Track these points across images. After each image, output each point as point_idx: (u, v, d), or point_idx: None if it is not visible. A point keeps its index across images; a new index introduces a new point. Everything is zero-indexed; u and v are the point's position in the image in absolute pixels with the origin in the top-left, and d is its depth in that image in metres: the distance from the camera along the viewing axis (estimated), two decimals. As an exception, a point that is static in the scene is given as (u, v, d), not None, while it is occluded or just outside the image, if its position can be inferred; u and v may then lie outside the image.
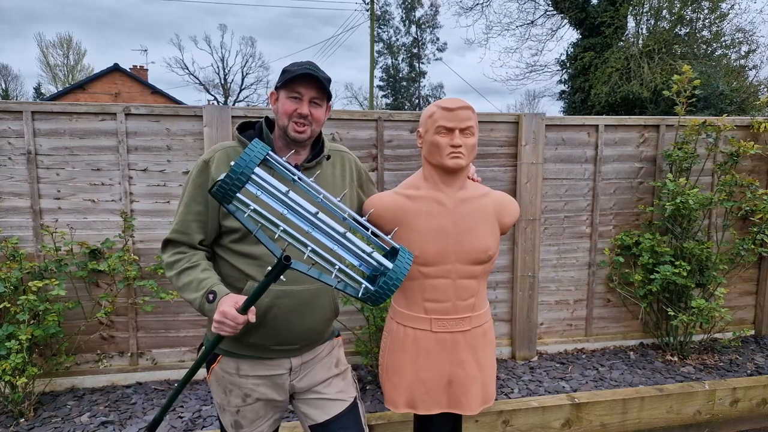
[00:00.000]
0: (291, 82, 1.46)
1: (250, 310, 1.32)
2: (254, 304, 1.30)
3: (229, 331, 1.32)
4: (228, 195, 1.10)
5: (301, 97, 1.47)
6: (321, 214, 1.20)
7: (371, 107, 22.83)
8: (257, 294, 1.27)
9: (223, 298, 1.35)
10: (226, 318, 1.30)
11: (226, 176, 1.08)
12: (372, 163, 3.40)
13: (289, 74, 1.47)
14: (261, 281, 1.24)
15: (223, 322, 1.31)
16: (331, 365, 1.64)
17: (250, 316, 1.32)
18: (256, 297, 1.28)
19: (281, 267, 1.18)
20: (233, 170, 1.08)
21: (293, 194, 1.19)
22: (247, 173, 1.08)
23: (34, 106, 3.02)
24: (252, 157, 1.09)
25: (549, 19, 16.01)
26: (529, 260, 3.59)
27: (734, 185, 3.60)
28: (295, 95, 1.47)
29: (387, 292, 1.20)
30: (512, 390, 3.18)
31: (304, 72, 1.44)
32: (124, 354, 3.24)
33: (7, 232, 3.02)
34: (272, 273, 1.20)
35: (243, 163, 1.08)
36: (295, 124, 1.48)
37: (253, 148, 1.11)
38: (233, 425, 1.55)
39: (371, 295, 1.22)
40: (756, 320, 4.14)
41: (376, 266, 1.26)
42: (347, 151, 1.71)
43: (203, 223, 1.48)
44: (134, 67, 24.15)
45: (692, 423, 2.97)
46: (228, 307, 1.31)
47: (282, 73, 1.51)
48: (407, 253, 1.27)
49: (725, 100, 11.02)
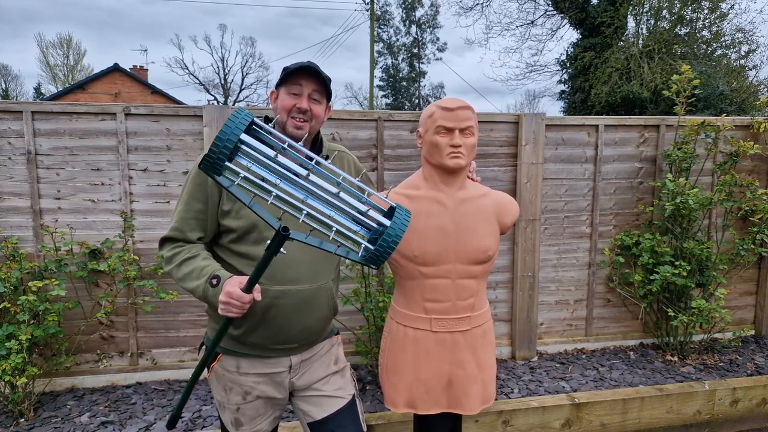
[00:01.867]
0: (290, 76, 1.46)
1: (255, 288, 1.30)
2: (257, 281, 1.28)
3: (236, 312, 1.30)
4: (216, 164, 1.07)
5: (301, 92, 1.47)
6: (312, 176, 1.17)
7: (371, 107, 22.83)
8: (259, 270, 1.25)
9: (228, 280, 1.35)
10: (232, 298, 1.28)
11: (212, 145, 1.05)
12: (372, 163, 3.40)
13: (289, 69, 1.47)
14: (262, 256, 1.23)
15: (229, 303, 1.29)
16: (330, 363, 1.64)
17: (255, 295, 1.31)
18: (258, 273, 1.26)
19: (280, 238, 1.16)
20: (219, 137, 1.04)
21: (282, 158, 1.15)
22: (233, 139, 1.05)
23: (34, 106, 3.02)
24: (237, 123, 1.06)
25: (549, 19, 16.02)
26: (529, 260, 3.59)
27: (734, 185, 3.60)
28: (294, 91, 1.47)
29: (387, 249, 1.19)
30: (512, 390, 3.17)
31: (304, 65, 1.45)
32: (124, 354, 3.24)
33: (7, 232, 3.02)
34: (271, 246, 1.19)
35: (228, 129, 1.05)
36: (294, 120, 1.47)
37: (238, 114, 1.08)
38: (233, 423, 1.56)
39: (371, 254, 1.19)
40: (756, 320, 4.14)
41: (374, 227, 1.24)
42: (346, 150, 1.70)
43: (202, 222, 1.48)
44: (134, 67, 24.15)
45: (692, 423, 2.97)
46: (233, 287, 1.29)
47: (282, 71, 1.51)
48: (404, 210, 1.24)
49: (725, 100, 11.02)
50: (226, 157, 1.07)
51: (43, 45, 35.97)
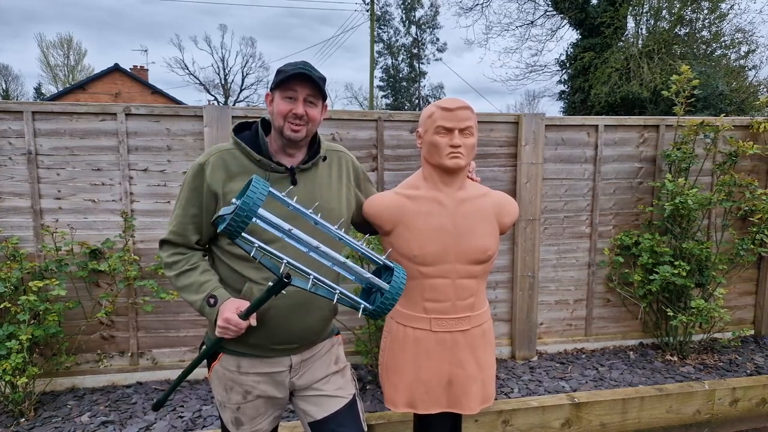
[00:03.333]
0: (285, 82, 1.46)
1: (251, 315, 1.38)
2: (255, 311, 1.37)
3: (231, 335, 1.40)
4: (234, 234, 1.18)
5: (296, 96, 1.48)
6: (322, 247, 1.29)
7: (371, 107, 22.83)
8: (258, 304, 1.34)
9: (225, 303, 1.41)
10: (229, 324, 1.38)
11: (231, 218, 1.16)
12: (372, 163, 3.40)
13: (283, 74, 1.47)
14: (262, 294, 1.32)
15: (226, 328, 1.39)
16: (330, 362, 1.65)
17: (251, 321, 1.39)
18: (257, 306, 1.34)
19: (282, 284, 1.26)
20: (238, 213, 1.15)
21: (296, 231, 1.26)
22: (251, 215, 1.16)
23: (34, 106, 3.03)
24: (255, 199, 1.16)
25: (549, 20, 16.03)
26: (528, 260, 3.59)
27: (733, 185, 3.60)
28: (289, 95, 1.48)
29: (385, 310, 1.31)
30: (512, 390, 3.18)
31: (297, 71, 1.45)
32: (125, 354, 3.25)
33: (8, 232, 3.02)
34: (273, 289, 1.28)
35: (246, 206, 1.15)
36: (291, 124, 1.48)
37: (256, 187, 1.18)
38: (233, 422, 1.57)
39: (370, 313, 1.32)
40: (755, 320, 4.14)
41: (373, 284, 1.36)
42: (344, 150, 1.71)
43: (198, 225, 1.52)
44: (134, 67, 24.15)
45: (692, 423, 2.97)
46: (231, 313, 1.38)
47: (276, 74, 1.51)
48: (401, 271, 1.36)
49: (725, 101, 11.03)
50: (244, 229, 1.18)
51: (43, 45, 35.93)
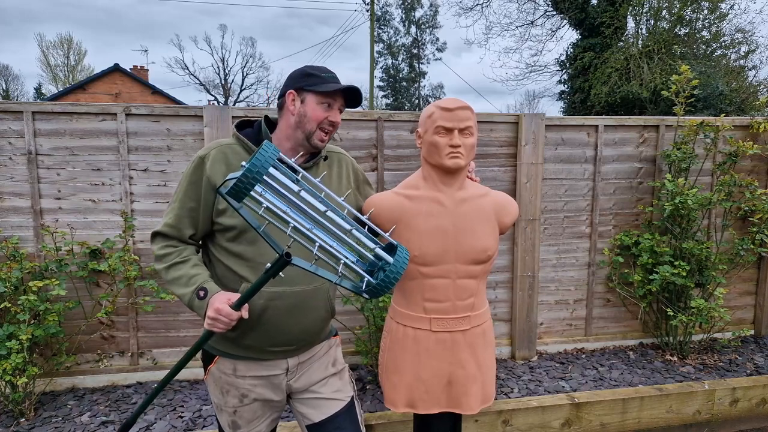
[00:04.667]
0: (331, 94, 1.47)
1: (244, 306, 1.33)
2: (249, 300, 1.31)
3: (222, 328, 1.33)
4: (241, 193, 1.13)
5: (333, 105, 1.49)
6: (329, 212, 1.23)
7: (371, 107, 22.84)
8: (254, 290, 1.28)
9: (216, 295, 1.36)
10: (220, 314, 1.31)
11: (241, 175, 1.10)
12: (372, 163, 3.40)
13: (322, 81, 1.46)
14: (259, 276, 1.25)
15: (216, 319, 1.32)
16: (328, 365, 1.63)
17: (243, 313, 1.33)
18: (252, 293, 1.29)
19: (282, 263, 1.20)
20: (249, 170, 1.10)
21: (304, 193, 1.21)
22: (262, 173, 1.11)
23: (34, 106, 3.03)
24: (267, 157, 1.12)
25: (549, 20, 16.03)
26: (528, 260, 3.59)
27: (733, 185, 3.60)
28: (328, 102, 1.48)
29: (388, 285, 1.24)
30: (512, 390, 3.18)
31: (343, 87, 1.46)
32: (125, 354, 3.25)
33: (8, 232, 3.02)
34: (272, 269, 1.22)
35: (258, 163, 1.11)
36: (323, 131, 1.48)
37: (267, 149, 1.13)
38: (231, 425, 1.55)
39: (373, 288, 1.25)
40: (755, 320, 4.14)
41: (374, 261, 1.29)
42: (344, 152, 1.70)
43: (194, 219, 1.49)
44: (135, 67, 24.15)
45: (692, 423, 2.97)
46: (222, 303, 1.32)
47: (310, 77, 1.47)
48: (404, 249, 1.30)
49: (725, 101, 11.03)
50: (252, 189, 1.13)
51: (43, 45, 36.01)
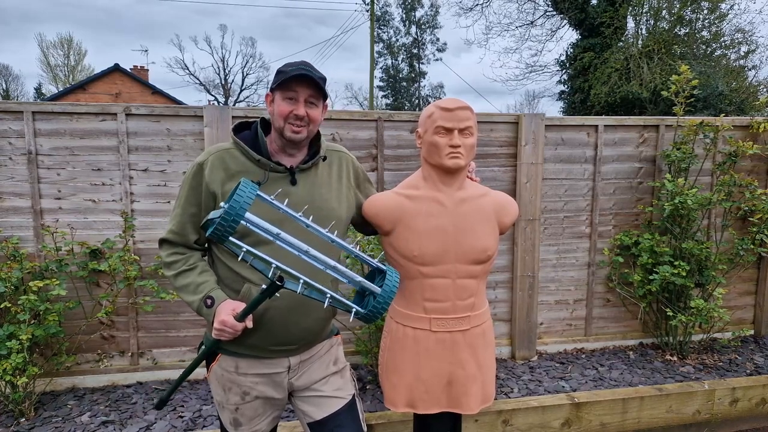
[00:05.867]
0: (286, 82, 1.46)
1: (248, 317, 1.39)
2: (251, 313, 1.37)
3: (228, 337, 1.41)
4: (222, 238, 1.19)
5: (297, 97, 1.47)
6: (312, 251, 1.29)
7: (371, 107, 22.83)
8: (253, 306, 1.34)
9: (221, 305, 1.41)
10: (225, 326, 1.38)
11: (218, 223, 1.16)
12: (372, 163, 3.40)
13: (284, 75, 1.46)
14: (256, 296, 1.32)
15: (222, 330, 1.39)
16: (329, 363, 1.64)
17: (247, 323, 1.39)
18: (252, 309, 1.35)
19: (275, 287, 1.26)
20: (224, 217, 1.15)
21: (284, 235, 1.27)
22: (238, 219, 1.16)
23: (34, 106, 3.03)
24: (242, 202, 1.16)
25: (549, 20, 16.03)
26: (528, 260, 3.60)
27: (733, 185, 3.60)
28: (290, 96, 1.47)
29: (377, 314, 1.32)
30: (512, 389, 3.18)
31: (297, 72, 1.44)
32: (125, 354, 3.25)
33: (8, 232, 3.02)
34: (266, 292, 1.28)
35: (233, 210, 1.15)
36: (292, 125, 1.48)
37: (243, 191, 1.17)
38: (232, 423, 1.56)
39: (362, 316, 1.33)
40: (755, 320, 4.14)
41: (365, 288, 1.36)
42: (344, 150, 1.70)
43: (197, 224, 1.52)
44: (135, 67, 24.14)
45: (692, 423, 2.97)
46: (227, 315, 1.38)
47: (276, 74, 1.50)
48: (394, 273, 1.36)
49: (724, 101, 11.04)
50: (232, 233, 1.19)
51: (43, 45, 36.01)
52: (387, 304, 1.30)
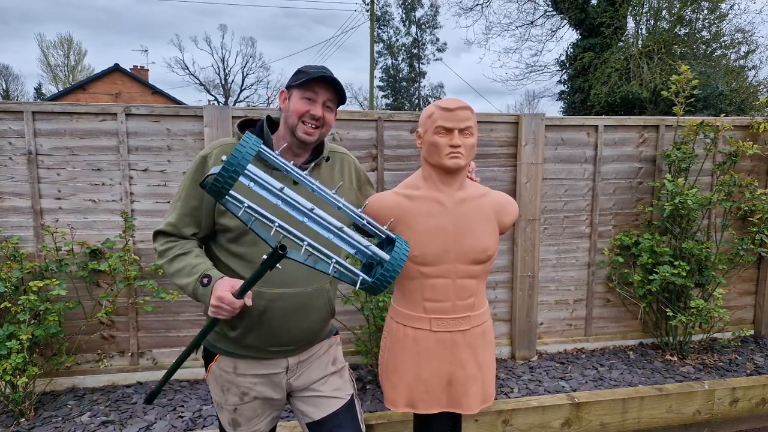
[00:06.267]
0: (307, 83, 1.45)
1: (247, 294, 1.32)
2: (250, 289, 1.31)
3: (225, 315, 1.34)
4: (221, 191, 1.09)
5: (316, 98, 1.47)
6: (316, 210, 1.20)
7: (371, 107, 22.83)
8: (253, 280, 1.27)
9: (219, 282, 1.36)
10: (222, 303, 1.31)
11: (218, 173, 1.07)
12: (372, 163, 3.40)
13: (306, 75, 1.45)
14: (256, 269, 1.25)
15: (220, 307, 1.32)
16: (328, 363, 1.64)
17: (246, 300, 1.33)
18: (251, 283, 1.28)
19: (277, 256, 1.18)
20: (225, 167, 1.07)
21: (287, 190, 1.19)
22: (239, 170, 1.07)
23: (34, 106, 3.03)
24: (244, 153, 1.07)
25: (549, 20, 16.04)
26: (528, 260, 3.60)
27: (733, 185, 3.60)
28: (309, 96, 1.46)
29: (385, 283, 1.22)
30: (512, 389, 3.18)
31: (321, 74, 1.44)
32: (125, 354, 3.25)
33: (8, 232, 3.02)
34: (267, 261, 1.21)
35: (235, 160, 1.07)
36: (305, 125, 1.47)
37: (246, 142, 1.09)
38: (231, 423, 1.56)
39: (369, 285, 1.23)
40: (755, 320, 4.14)
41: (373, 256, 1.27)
42: (347, 152, 1.70)
43: (197, 218, 1.49)
44: (135, 67, 24.15)
45: (692, 423, 2.97)
46: (224, 291, 1.32)
47: (296, 73, 1.49)
48: (404, 243, 1.27)
49: (725, 101, 11.04)
50: (231, 186, 1.09)
51: (43, 45, 36.02)
52: (396, 272, 1.22)
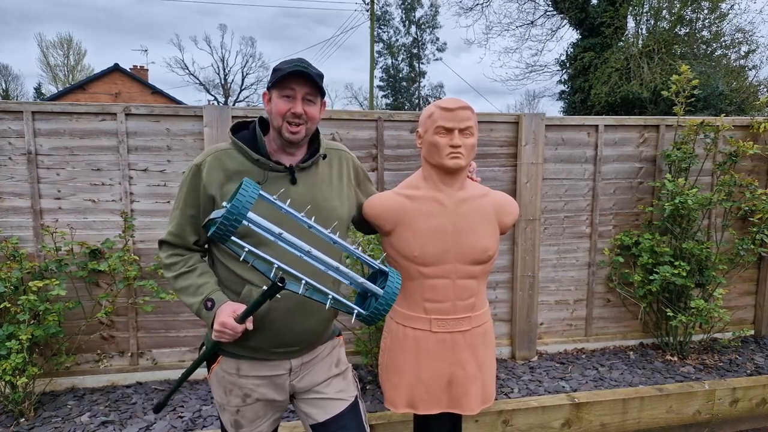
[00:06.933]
0: (282, 80, 1.44)
1: (248, 319, 1.37)
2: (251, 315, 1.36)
3: (228, 340, 1.39)
4: (224, 238, 1.18)
5: (294, 95, 1.45)
6: (314, 252, 1.28)
7: (371, 107, 22.83)
8: (254, 308, 1.32)
9: (222, 307, 1.40)
10: (225, 328, 1.36)
11: (220, 222, 1.15)
12: (372, 163, 3.40)
13: (280, 72, 1.44)
14: (257, 298, 1.31)
15: (222, 332, 1.37)
16: (332, 365, 1.64)
17: (248, 325, 1.38)
18: (252, 310, 1.33)
19: (275, 288, 1.25)
20: (227, 216, 1.14)
21: (286, 235, 1.26)
22: (240, 219, 1.15)
23: (34, 106, 3.03)
24: (244, 201, 1.15)
25: (549, 20, 16.04)
26: (529, 260, 3.59)
27: (733, 185, 3.60)
28: (287, 94, 1.45)
29: (378, 315, 1.31)
30: (512, 390, 3.18)
31: (293, 69, 1.41)
32: (125, 354, 3.25)
33: (8, 232, 3.02)
34: (267, 293, 1.27)
35: (236, 209, 1.14)
36: (289, 125, 1.45)
37: (245, 192, 1.16)
38: (233, 425, 1.56)
39: (364, 318, 1.33)
40: (755, 320, 4.14)
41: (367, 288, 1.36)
42: (344, 149, 1.69)
43: (196, 226, 1.50)
44: (134, 67, 24.14)
45: (692, 423, 2.97)
46: (227, 317, 1.36)
47: (273, 72, 1.48)
48: (396, 275, 1.35)
49: (725, 101, 11.04)
50: (233, 233, 1.17)
51: (43, 45, 36.02)
52: (389, 305, 1.30)
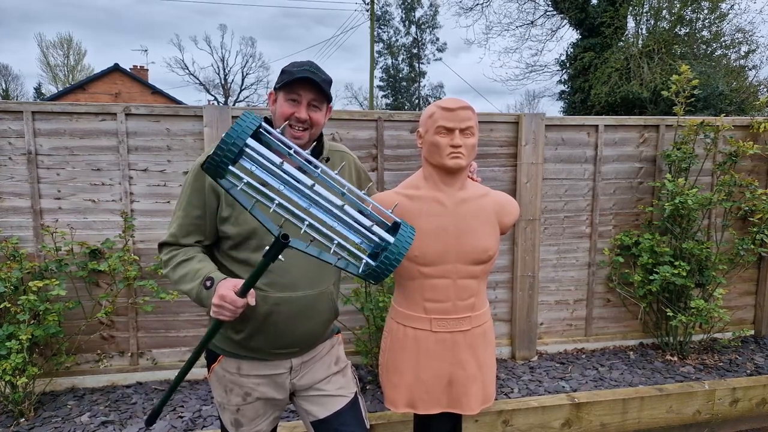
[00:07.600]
0: (290, 84, 1.43)
1: (250, 293, 1.28)
2: (253, 286, 1.27)
3: (228, 315, 1.29)
4: (220, 168, 1.05)
5: (300, 100, 1.44)
6: (317, 187, 1.15)
7: (371, 107, 22.82)
8: (255, 276, 1.23)
9: (221, 282, 1.33)
10: (224, 301, 1.27)
11: (216, 147, 1.03)
12: (372, 163, 3.40)
13: (288, 76, 1.43)
14: (259, 261, 1.21)
15: (222, 306, 1.28)
16: (331, 363, 1.65)
17: (249, 299, 1.29)
18: (254, 279, 1.24)
19: (279, 246, 1.14)
20: (224, 141, 1.02)
21: (287, 166, 1.13)
22: (238, 144, 1.03)
23: (34, 106, 3.02)
24: (244, 127, 1.03)
25: (549, 20, 16.04)
26: (529, 260, 3.59)
27: (733, 185, 3.60)
28: (293, 98, 1.45)
29: (389, 267, 1.16)
30: (512, 390, 3.18)
31: (302, 75, 1.41)
32: (125, 354, 3.25)
33: (8, 232, 3.02)
34: (270, 252, 1.16)
35: (234, 133, 1.03)
36: (292, 129, 1.45)
37: (245, 118, 1.06)
38: (233, 423, 1.57)
39: (372, 270, 1.17)
40: (755, 320, 4.14)
41: (377, 242, 1.21)
42: (347, 151, 1.70)
43: (200, 227, 1.48)
44: (134, 67, 24.14)
45: (692, 423, 2.97)
46: (226, 290, 1.28)
47: (281, 74, 1.48)
48: (409, 227, 1.22)
49: (725, 101, 11.04)
50: (230, 161, 1.05)
51: (43, 45, 36.01)
52: (400, 255, 1.14)
